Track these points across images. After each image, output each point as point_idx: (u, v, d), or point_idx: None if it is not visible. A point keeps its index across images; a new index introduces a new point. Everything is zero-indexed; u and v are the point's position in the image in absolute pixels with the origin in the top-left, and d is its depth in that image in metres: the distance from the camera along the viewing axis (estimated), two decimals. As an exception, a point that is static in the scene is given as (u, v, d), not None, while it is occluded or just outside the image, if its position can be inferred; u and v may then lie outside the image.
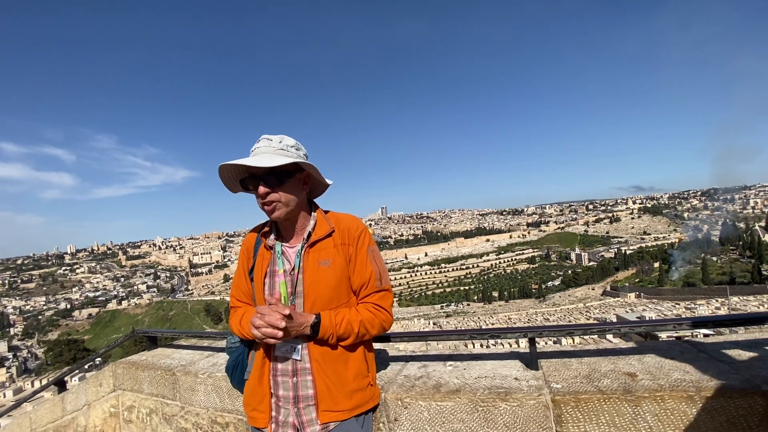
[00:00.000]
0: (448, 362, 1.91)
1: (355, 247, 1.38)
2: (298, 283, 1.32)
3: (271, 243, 1.39)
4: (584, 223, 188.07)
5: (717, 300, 42.07)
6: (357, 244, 1.38)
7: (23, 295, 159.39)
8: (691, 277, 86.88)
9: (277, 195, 1.29)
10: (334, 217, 1.42)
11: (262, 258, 1.39)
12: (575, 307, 58.72)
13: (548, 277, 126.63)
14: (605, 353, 1.76)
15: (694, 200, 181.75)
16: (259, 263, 1.39)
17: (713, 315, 6.86)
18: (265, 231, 1.42)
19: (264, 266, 1.37)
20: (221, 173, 1.31)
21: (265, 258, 1.38)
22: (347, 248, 1.37)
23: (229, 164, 1.26)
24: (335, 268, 1.33)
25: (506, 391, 1.51)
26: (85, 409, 2.94)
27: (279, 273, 1.34)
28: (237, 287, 1.48)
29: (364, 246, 1.39)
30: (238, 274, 1.47)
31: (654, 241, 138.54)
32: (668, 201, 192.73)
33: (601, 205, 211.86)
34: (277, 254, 1.37)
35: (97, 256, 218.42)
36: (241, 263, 1.47)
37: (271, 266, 1.37)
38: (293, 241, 1.40)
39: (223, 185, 1.36)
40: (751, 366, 1.44)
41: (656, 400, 1.35)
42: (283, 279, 1.33)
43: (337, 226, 1.39)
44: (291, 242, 1.40)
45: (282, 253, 1.37)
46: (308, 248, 1.34)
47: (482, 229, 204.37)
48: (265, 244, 1.40)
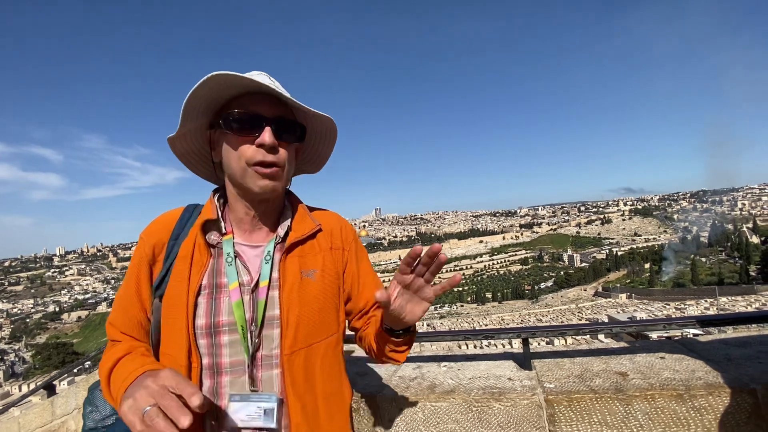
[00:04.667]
0: (443, 363, 1.91)
1: (354, 254, 1.01)
2: (270, 305, 0.84)
3: (215, 239, 0.87)
4: (576, 225, 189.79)
5: (706, 300, 42.71)
6: (356, 250, 1.02)
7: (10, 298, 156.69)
8: (680, 278, 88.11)
9: (284, 155, 0.85)
10: (315, 213, 1.02)
11: (187, 263, 0.84)
12: (567, 308, 59.19)
13: (541, 278, 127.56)
14: (597, 353, 1.78)
15: (684, 202, 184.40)
16: (180, 272, 0.84)
17: (702, 315, 6.95)
18: (209, 220, 0.87)
19: (196, 277, 0.83)
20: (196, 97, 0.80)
21: (199, 264, 0.84)
22: (340, 254, 0.98)
23: (229, 76, 0.76)
24: (324, 281, 0.91)
25: (500, 392, 1.52)
26: (75, 413, 2.90)
27: (230, 288, 0.83)
28: (122, 311, 0.89)
29: (364, 252, 1.04)
30: (127, 291, 0.89)
31: (645, 243, 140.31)
32: (658, 203, 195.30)
33: (593, 207, 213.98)
34: (228, 258, 0.85)
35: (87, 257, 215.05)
36: (136, 272, 0.89)
37: (212, 277, 0.84)
38: (257, 238, 0.91)
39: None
40: (740, 364, 1.46)
41: (647, 398, 1.37)
42: (239, 298, 0.83)
43: (324, 225, 0.98)
44: (253, 240, 0.90)
45: (236, 256, 0.87)
46: (286, 252, 0.89)
47: (476, 230, 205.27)
48: (204, 241, 0.86)
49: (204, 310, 0.82)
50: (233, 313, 0.82)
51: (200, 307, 0.82)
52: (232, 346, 0.82)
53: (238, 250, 0.88)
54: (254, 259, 0.88)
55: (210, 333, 0.82)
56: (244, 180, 0.83)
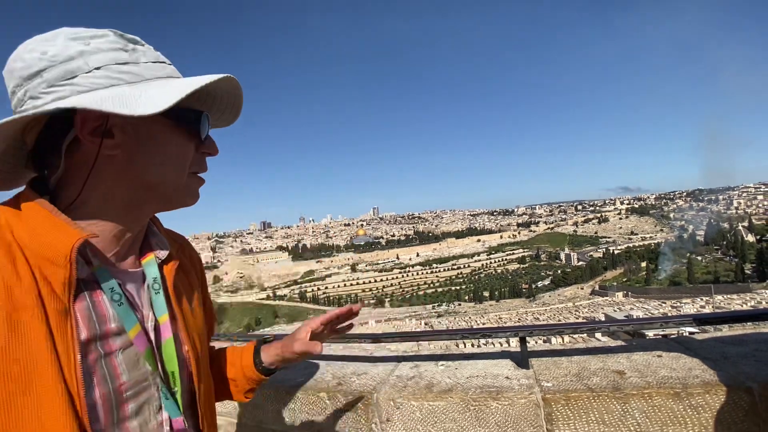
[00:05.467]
0: (440, 362, 1.91)
1: (203, 274, 0.85)
2: (178, 345, 0.67)
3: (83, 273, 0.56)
4: (573, 224, 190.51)
5: (702, 299, 42.98)
6: (203, 270, 0.86)
7: None
8: (677, 277, 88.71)
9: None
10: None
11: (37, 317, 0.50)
12: (564, 307, 59.52)
13: (538, 276, 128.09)
14: (594, 352, 1.79)
15: (680, 201, 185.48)
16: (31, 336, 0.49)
17: (699, 313, 7.02)
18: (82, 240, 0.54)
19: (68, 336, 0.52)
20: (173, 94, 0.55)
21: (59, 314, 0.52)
22: (195, 273, 0.81)
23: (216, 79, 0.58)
24: (199, 304, 0.77)
25: (497, 390, 1.52)
26: None
27: (131, 336, 0.59)
28: None
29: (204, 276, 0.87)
30: None
31: (641, 241, 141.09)
32: (655, 202, 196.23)
33: (590, 206, 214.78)
34: (115, 296, 0.58)
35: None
36: None
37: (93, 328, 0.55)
38: (128, 263, 0.66)
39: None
40: (736, 363, 1.47)
41: (644, 397, 1.37)
42: (145, 347, 0.61)
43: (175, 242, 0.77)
44: (124, 265, 0.65)
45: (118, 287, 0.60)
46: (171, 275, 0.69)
47: (473, 229, 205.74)
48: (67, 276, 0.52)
49: (97, 378, 0.54)
50: (143, 366, 0.60)
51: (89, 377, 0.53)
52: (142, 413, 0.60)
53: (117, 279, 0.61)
54: (134, 289, 0.64)
55: (110, 408, 0.56)
56: (177, 191, 0.65)
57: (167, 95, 0.54)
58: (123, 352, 0.58)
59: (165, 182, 0.63)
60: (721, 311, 3.81)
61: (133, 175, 0.60)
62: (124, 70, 0.57)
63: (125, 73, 0.57)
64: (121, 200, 0.61)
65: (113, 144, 0.57)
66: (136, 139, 0.59)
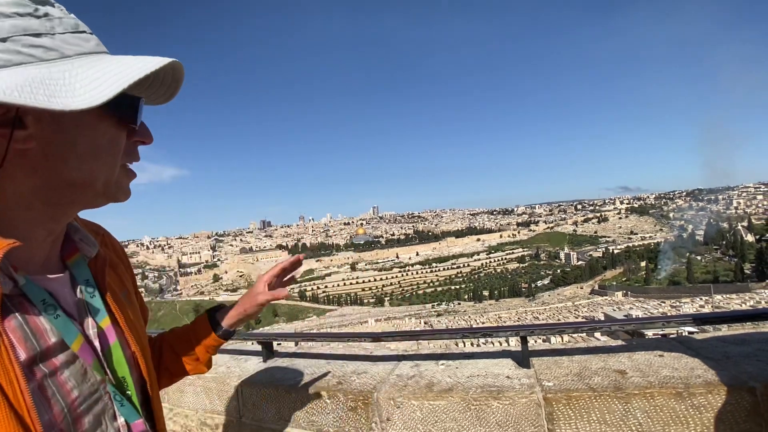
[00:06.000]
0: (440, 361, 1.91)
1: (131, 268, 0.79)
2: (125, 348, 0.62)
3: (7, 288, 0.48)
4: (573, 223, 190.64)
5: (701, 298, 43.04)
6: (129, 263, 0.79)
7: None
8: (676, 276, 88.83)
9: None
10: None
11: None
12: (564, 306, 59.56)
13: (538, 276, 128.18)
14: (595, 351, 1.78)
15: (680, 200, 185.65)
16: None
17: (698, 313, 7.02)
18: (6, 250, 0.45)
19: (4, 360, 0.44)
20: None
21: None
22: (128, 271, 0.77)
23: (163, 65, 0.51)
24: (133, 300, 0.73)
25: (498, 390, 1.52)
26: None
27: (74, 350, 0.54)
28: None
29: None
30: None
31: (641, 241, 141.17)
32: (654, 201, 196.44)
33: (590, 205, 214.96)
34: (47, 307, 0.52)
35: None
36: None
37: (32, 347, 0.49)
38: (51, 265, 0.58)
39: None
40: (738, 362, 1.46)
41: (646, 397, 1.36)
42: (92, 359, 0.56)
43: (97, 234, 0.71)
44: (48, 270, 0.57)
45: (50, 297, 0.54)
46: (102, 274, 0.64)
47: (473, 228, 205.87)
48: None
49: (47, 398, 0.49)
50: (92, 377, 0.55)
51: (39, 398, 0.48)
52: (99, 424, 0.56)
53: (46, 288, 0.53)
54: (68, 296, 0.57)
55: (68, 425, 0.51)
56: (107, 187, 0.55)
57: (105, 84, 0.45)
58: (69, 367, 0.52)
59: (92, 179, 0.52)
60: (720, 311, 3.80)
61: (53, 171, 0.49)
62: (37, 44, 0.44)
63: (38, 47, 0.44)
64: (39, 201, 0.51)
65: (26, 135, 0.45)
66: (56, 130, 0.47)
